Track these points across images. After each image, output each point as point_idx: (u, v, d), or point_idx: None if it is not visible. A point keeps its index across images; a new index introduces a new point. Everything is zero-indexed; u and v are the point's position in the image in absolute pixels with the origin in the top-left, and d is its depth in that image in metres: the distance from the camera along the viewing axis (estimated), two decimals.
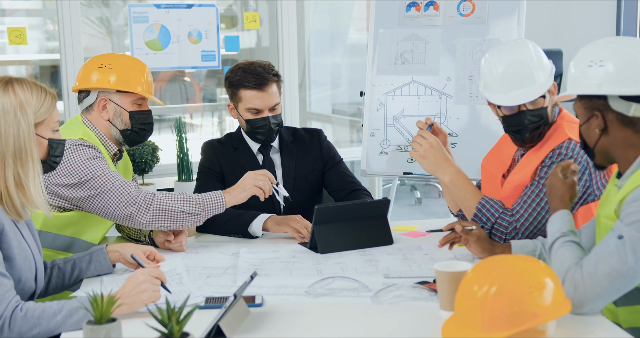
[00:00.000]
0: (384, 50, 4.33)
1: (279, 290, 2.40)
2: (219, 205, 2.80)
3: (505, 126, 2.77)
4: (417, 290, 2.32)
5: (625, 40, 2.22)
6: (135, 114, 2.99)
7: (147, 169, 4.08)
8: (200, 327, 2.02)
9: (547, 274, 1.94)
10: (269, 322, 2.16)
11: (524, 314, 1.86)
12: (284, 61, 4.75)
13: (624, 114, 2.16)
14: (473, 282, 1.93)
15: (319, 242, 2.80)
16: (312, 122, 6.92)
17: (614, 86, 2.15)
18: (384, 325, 2.12)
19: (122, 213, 2.74)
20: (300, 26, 6.71)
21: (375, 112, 4.34)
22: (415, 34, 4.28)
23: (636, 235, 2.03)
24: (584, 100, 2.21)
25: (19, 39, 4.06)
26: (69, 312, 2.13)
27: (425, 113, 4.22)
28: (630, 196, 2.08)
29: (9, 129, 2.22)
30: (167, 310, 1.83)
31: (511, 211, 2.69)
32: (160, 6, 4.32)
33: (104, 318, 1.92)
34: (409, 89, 4.28)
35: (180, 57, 4.36)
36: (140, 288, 2.20)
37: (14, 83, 2.27)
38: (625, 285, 2.06)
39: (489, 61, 2.74)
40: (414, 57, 4.28)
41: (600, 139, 2.21)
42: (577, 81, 2.21)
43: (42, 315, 2.12)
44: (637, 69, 2.15)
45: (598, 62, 2.17)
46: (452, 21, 4.22)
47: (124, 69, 2.97)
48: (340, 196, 3.32)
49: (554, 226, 2.29)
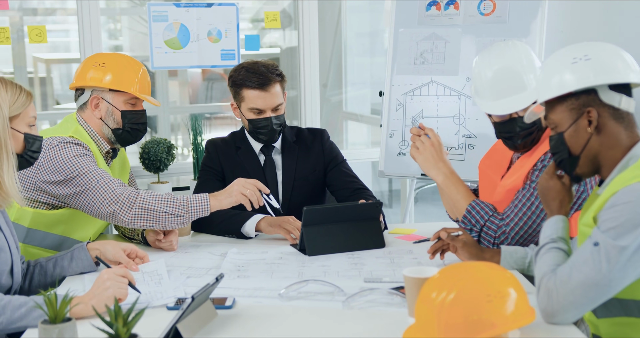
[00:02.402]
0: (404, 49, 4.27)
1: (255, 292, 2.37)
2: (204, 208, 2.78)
3: (497, 133, 2.70)
4: (391, 295, 2.27)
5: (597, 41, 2.17)
6: (128, 114, 2.99)
7: (162, 168, 4.08)
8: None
9: (511, 284, 1.88)
10: (234, 324, 2.13)
11: (481, 323, 1.81)
12: (305, 60, 4.71)
13: (615, 107, 2.09)
14: (433, 288, 1.88)
15: (307, 244, 2.76)
16: (348, 122, 6.87)
17: (608, 73, 2.08)
18: (351, 330, 2.08)
19: (106, 211, 2.74)
20: (337, 25, 6.69)
21: (394, 113, 4.28)
22: (435, 33, 4.22)
23: (611, 243, 1.95)
24: (570, 100, 2.13)
25: (39, 37, 4.10)
26: (33, 307, 2.14)
27: (444, 114, 4.15)
28: (608, 202, 2.01)
29: None
30: (115, 310, 1.81)
31: (501, 215, 2.62)
32: (180, 5, 4.31)
33: (58, 318, 1.92)
34: (428, 89, 4.22)
35: (199, 56, 4.35)
36: (104, 285, 2.20)
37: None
38: (600, 295, 1.98)
39: (479, 65, 2.67)
40: (434, 57, 4.21)
41: (591, 140, 2.12)
42: (563, 81, 2.12)
43: (7, 305, 2.14)
44: (620, 60, 2.11)
45: (583, 57, 2.10)
46: (473, 20, 4.14)
47: (117, 68, 2.98)
48: (343, 196, 3.28)
49: (546, 232, 2.20)
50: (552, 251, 2.11)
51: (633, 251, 1.94)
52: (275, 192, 3.26)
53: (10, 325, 2.13)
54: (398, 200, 6.83)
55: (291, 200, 3.25)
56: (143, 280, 2.49)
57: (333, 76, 6.68)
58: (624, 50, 2.15)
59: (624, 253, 1.94)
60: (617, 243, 1.94)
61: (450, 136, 4.14)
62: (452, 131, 4.14)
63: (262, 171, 3.25)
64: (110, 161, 3.08)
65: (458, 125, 4.13)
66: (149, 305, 2.26)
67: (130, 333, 1.82)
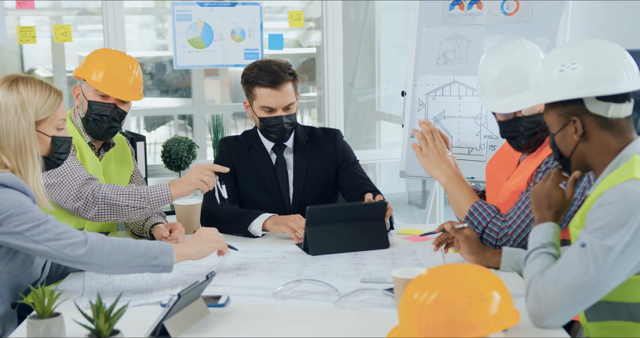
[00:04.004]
0: (427, 49, 4.25)
1: (251, 291, 2.38)
2: (164, 198, 2.82)
3: (501, 132, 2.68)
4: (385, 296, 2.26)
5: (593, 42, 2.11)
6: (94, 104, 3.02)
7: (182, 166, 4.12)
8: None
9: (495, 286, 1.86)
10: (225, 322, 2.14)
11: (461, 325, 1.79)
12: (329, 60, 4.72)
13: (603, 116, 2.06)
14: (415, 289, 1.87)
15: (310, 244, 2.76)
16: (381, 122, 6.85)
17: (593, 87, 2.04)
18: (339, 330, 2.08)
19: (70, 207, 2.81)
20: (371, 24, 6.68)
21: (416, 113, 4.27)
22: (458, 32, 4.19)
23: (598, 243, 1.92)
24: (558, 107, 2.11)
25: (65, 36, 4.17)
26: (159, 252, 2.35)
27: (465, 114, 4.12)
28: (595, 202, 1.98)
29: (9, 125, 2.31)
30: (98, 306, 1.84)
31: (504, 217, 2.59)
32: (204, 4, 4.35)
33: (46, 313, 1.95)
34: (450, 89, 4.19)
35: (223, 55, 4.38)
36: (208, 238, 2.50)
37: (19, 82, 2.36)
38: (588, 297, 1.95)
39: (485, 63, 2.65)
40: (456, 57, 4.19)
41: (578, 146, 2.10)
42: (550, 88, 2.10)
43: (128, 244, 2.32)
44: (611, 68, 2.05)
45: (570, 65, 2.07)
46: (496, 20, 4.11)
47: (91, 59, 3.05)
48: (353, 198, 3.26)
49: (535, 237, 2.17)
50: (542, 256, 2.08)
51: (620, 251, 1.91)
52: (286, 191, 3.26)
53: (128, 262, 2.30)
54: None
55: (302, 199, 3.25)
56: (142, 277, 2.51)
57: (365, 76, 6.67)
58: (622, 53, 2.09)
59: (610, 254, 1.91)
60: (604, 243, 1.91)
61: (471, 137, 4.11)
62: (473, 132, 4.11)
63: (274, 170, 3.26)
64: (103, 153, 3.12)
65: (480, 126, 4.10)
66: (145, 301, 2.29)
67: (112, 329, 1.84)
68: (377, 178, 6.62)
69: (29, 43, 4.14)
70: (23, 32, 4.10)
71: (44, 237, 2.21)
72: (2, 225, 2.20)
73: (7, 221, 2.20)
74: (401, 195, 7.09)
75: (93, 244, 2.25)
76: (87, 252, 2.23)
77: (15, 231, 2.20)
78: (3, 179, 2.23)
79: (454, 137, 4.15)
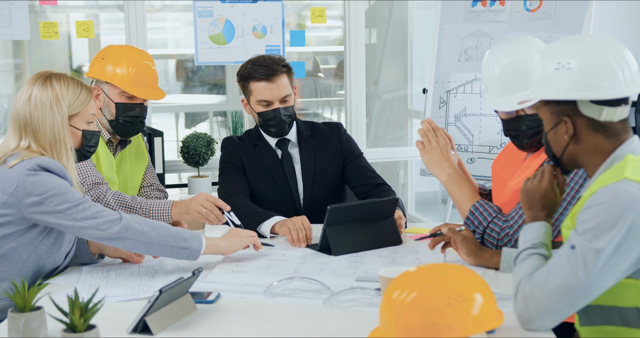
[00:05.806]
0: (449, 46, 4.20)
1: (243, 287, 2.36)
2: (165, 217, 2.89)
3: (504, 130, 2.63)
4: (376, 295, 2.22)
5: (592, 39, 2.04)
6: (122, 106, 3.06)
7: (201, 162, 4.12)
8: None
9: (478, 288, 1.81)
10: (212, 319, 2.13)
11: (439, 326, 1.75)
12: (351, 57, 4.68)
13: (595, 119, 2.00)
14: (396, 288, 1.83)
15: (332, 244, 2.71)
16: (412, 120, 6.79)
17: (585, 90, 1.98)
18: (326, 329, 2.05)
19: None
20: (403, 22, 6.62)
21: (437, 110, 4.21)
22: (480, 29, 4.13)
23: (587, 246, 1.87)
24: (551, 105, 2.05)
25: (87, 32, 4.19)
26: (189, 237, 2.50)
27: (486, 112, 4.06)
28: (586, 203, 1.93)
29: (45, 119, 2.44)
30: (75, 301, 1.83)
31: (505, 216, 2.54)
32: (225, 1, 4.34)
33: (27, 307, 1.95)
34: (471, 86, 4.13)
35: (244, 52, 4.37)
36: (240, 235, 2.64)
37: (52, 78, 2.49)
38: (578, 301, 1.90)
39: (488, 60, 2.60)
40: (478, 54, 4.13)
41: (569, 146, 2.04)
42: (544, 85, 2.04)
43: (161, 225, 2.47)
44: (607, 70, 1.97)
45: (565, 64, 2.00)
46: (518, 17, 4.04)
47: (114, 61, 3.07)
48: (362, 192, 3.24)
49: (526, 236, 2.11)
50: (532, 256, 2.03)
51: (610, 254, 1.85)
52: (295, 185, 3.24)
53: (160, 240, 2.44)
54: None
55: (312, 194, 3.23)
56: (138, 273, 2.51)
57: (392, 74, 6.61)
58: (622, 53, 2.00)
59: (600, 257, 1.85)
60: (593, 245, 1.86)
61: (492, 135, 4.05)
62: (494, 130, 4.04)
63: (281, 165, 3.24)
64: (119, 150, 3.14)
65: (501, 124, 4.02)
66: (136, 297, 2.28)
67: (88, 324, 1.84)
68: (409, 176, 6.56)
69: (52, 39, 4.17)
70: (46, 28, 4.13)
71: (83, 215, 2.36)
72: (43, 204, 2.34)
73: (49, 201, 2.34)
74: (433, 194, 7.01)
75: (128, 221, 2.40)
76: (122, 228, 2.38)
77: (56, 210, 2.35)
78: (48, 164, 2.38)
79: (475, 135, 4.09)
